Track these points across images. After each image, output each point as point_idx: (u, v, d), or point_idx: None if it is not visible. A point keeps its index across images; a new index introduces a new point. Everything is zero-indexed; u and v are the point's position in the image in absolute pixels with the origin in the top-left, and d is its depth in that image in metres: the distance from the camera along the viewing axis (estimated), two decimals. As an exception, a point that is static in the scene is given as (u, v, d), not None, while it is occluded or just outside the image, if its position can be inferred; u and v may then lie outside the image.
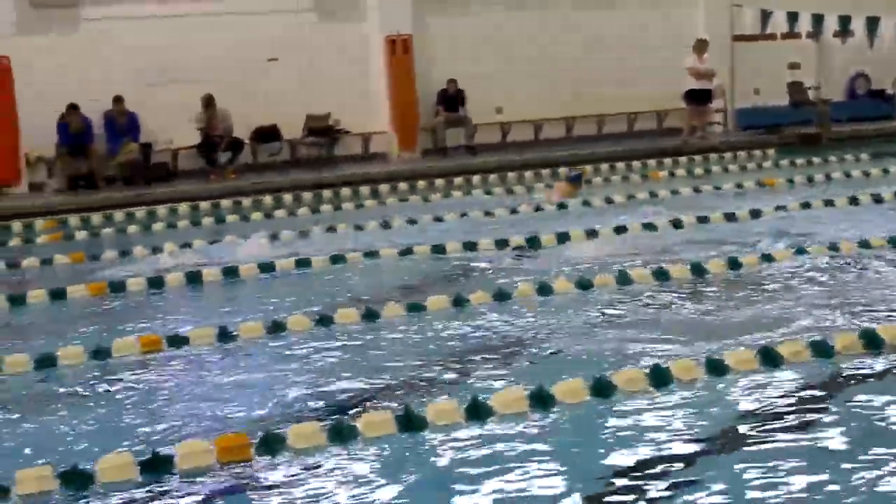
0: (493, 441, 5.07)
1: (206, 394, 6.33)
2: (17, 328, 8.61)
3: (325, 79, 20.93)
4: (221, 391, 6.36)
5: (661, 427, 5.19)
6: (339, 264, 10.05)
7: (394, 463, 4.93)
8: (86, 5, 19.95)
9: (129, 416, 5.93)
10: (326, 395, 6.07)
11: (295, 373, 6.61)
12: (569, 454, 4.92)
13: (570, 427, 5.32)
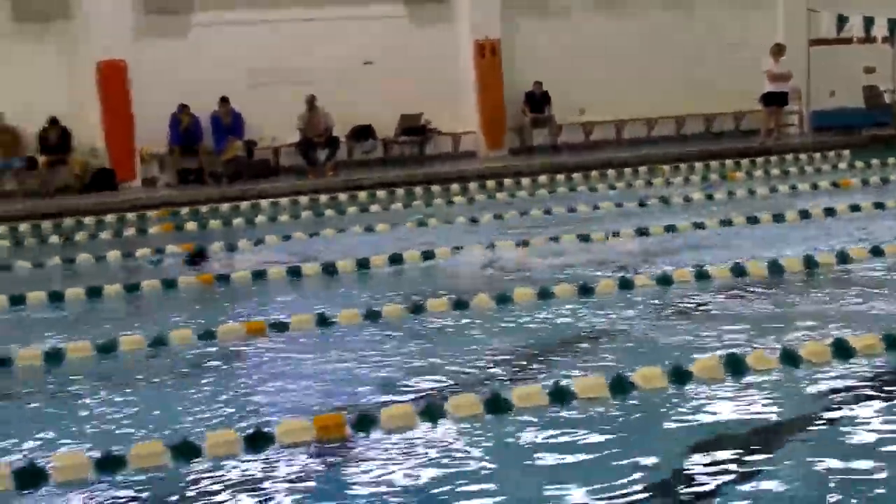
0: (574, 425, 5.08)
1: (306, 375, 6.41)
2: (132, 312, 8.78)
3: (418, 81, 20.95)
4: (320, 373, 6.44)
5: (735, 415, 5.15)
6: (430, 260, 10.10)
7: (480, 443, 4.96)
8: (196, 12, 20.24)
9: (234, 395, 6.03)
10: (417, 379, 6.12)
11: (388, 357, 6.67)
12: (644, 439, 4.90)
13: (647, 413, 5.30)
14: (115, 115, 19.32)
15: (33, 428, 5.60)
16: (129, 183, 19.37)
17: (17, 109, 19.23)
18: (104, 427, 5.55)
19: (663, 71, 21.88)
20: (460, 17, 21.58)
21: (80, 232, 14.24)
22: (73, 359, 7.00)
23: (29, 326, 8.37)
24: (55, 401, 6.23)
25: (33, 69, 19.37)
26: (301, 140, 19.78)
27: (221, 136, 19.67)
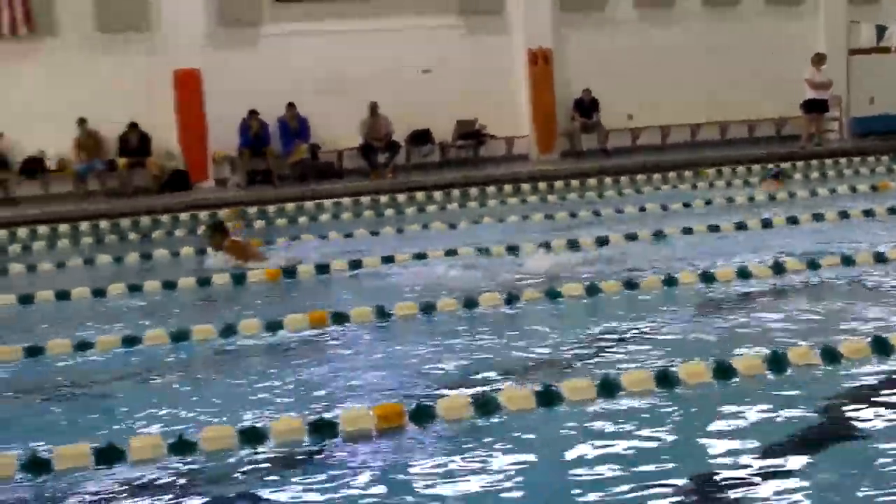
0: (621, 417, 5.02)
1: (366, 365, 6.41)
2: (204, 304, 8.84)
3: (473, 88, 20.95)
4: (379, 363, 6.44)
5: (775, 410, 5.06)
6: (484, 256, 10.07)
7: (531, 433, 4.92)
8: (265, 23, 20.38)
9: (299, 384, 6.03)
10: (472, 371, 6.08)
11: (444, 349, 6.65)
12: (687, 431, 4.82)
13: (690, 406, 5.23)
14: (189, 120, 19.50)
15: (113, 410, 5.65)
16: (202, 183, 19.54)
17: (100, 115, 19.47)
18: (178, 411, 5.57)
19: (707, 79, 21.70)
20: (514, 27, 21.56)
21: (157, 229, 14.39)
22: (149, 346, 7.07)
23: (110, 316, 8.45)
24: (132, 386, 6.28)
25: (115, 77, 19.60)
26: (363, 144, 19.85)
27: (288, 140, 19.78)
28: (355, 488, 4.33)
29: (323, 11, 20.64)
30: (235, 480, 4.53)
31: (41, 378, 6.57)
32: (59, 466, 4.63)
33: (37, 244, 13.74)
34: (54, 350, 7.00)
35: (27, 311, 8.93)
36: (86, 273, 10.81)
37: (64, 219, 16.01)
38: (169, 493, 4.35)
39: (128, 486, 4.45)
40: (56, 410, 5.89)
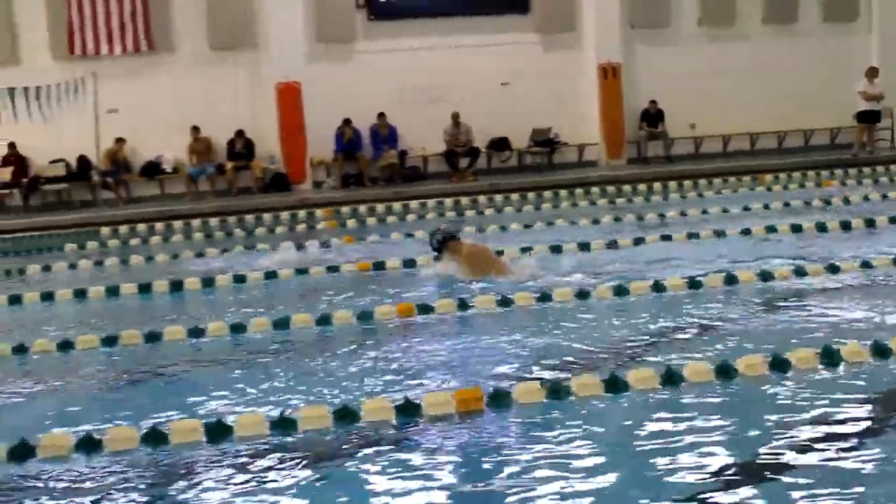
0: (683, 407, 4.96)
1: (448, 353, 6.42)
2: (303, 294, 8.91)
3: (548, 99, 20.97)
4: (460, 352, 6.45)
5: (829, 404, 4.96)
6: (557, 253, 10.02)
7: (598, 421, 4.88)
8: (359, 41, 20.58)
9: (387, 369, 6.06)
10: (545, 360, 6.06)
11: (521, 339, 6.63)
12: (743, 422, 4.73)
13: (747, 398, 5.15)
14: (290, 127, 19.74)
15: (221, 390, 5.74)
16: (300, 185, 19.78)
17: (211, 123, 19.80)
18: (279, 392, 5.64)
19: (766, 90, 21.43)
20: (586, 43, 21.51)
21: (260, 226, 14.57)
22: (253, 332, 7.16)
23: (218, 305, 8.58)
24: (238, 368, 6.36)
25: (224, 89, 19.93)
26: (446, 150, 19.92)
27: (379, 146, 19.94)
28: (437, 466, 4.34)
29: (412, 29, 20.76)
30: (329, 456, 4.57)
31: (158, 360, 6.68)
32: (175, 440, 4.71)
33: (154, 238, 14.03)
34: (170, 336, 7.12)
35: (145, 300, 9.11)
36: (197, 265, 10.99)
37: (177, 216, 16.34)
38: (270, 467, 4.40)
39: (233, 459, 4.52)
40: (170, 390, 5.99)
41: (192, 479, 4.31)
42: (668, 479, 4.04)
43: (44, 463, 4.57)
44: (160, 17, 20.11)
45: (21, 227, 16.77)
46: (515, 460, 4.34)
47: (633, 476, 4.13)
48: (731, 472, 4.11)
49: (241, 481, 4.24)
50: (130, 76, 19.84)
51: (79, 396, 5.92)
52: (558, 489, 3.96)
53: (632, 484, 4.04)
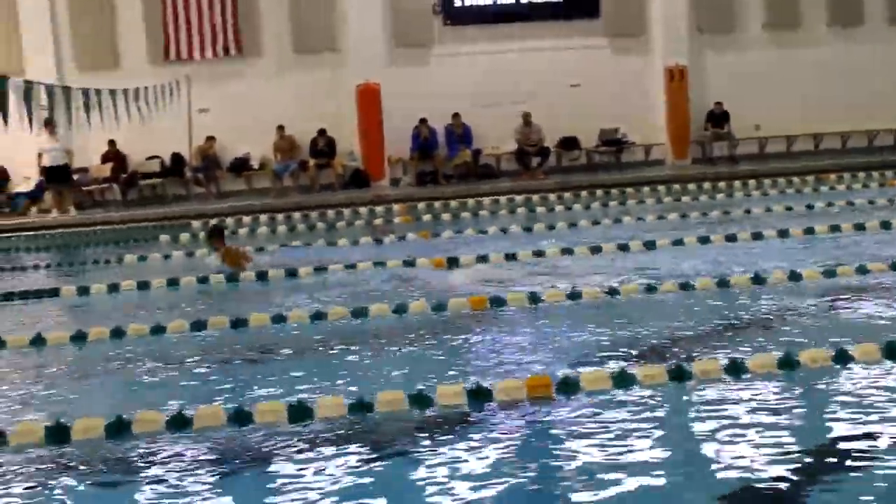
0: (746, 398, 4.87)
1: (519, 343, 6.39)
2: (380, 285, 8.93)
3: (616, 100, 20.79)
4: (531, 341, 6.41)
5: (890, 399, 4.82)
6: (624, 251, 9.92)
7: (662, 408, 4.82)
8: (435, 45, 20.63)
9: (461, 357, 6.06)
10: (612, 350, 6.00)
11: (588, 331, 6.57)
12: (805, 414, 4.64)
13: (810, 389, 5.03)
14: (369, 127, 19.84)
15: (302, 374, 5.78)
16: (378, 182, 19.86)
17: (295, 123, 20.00)
18: (357, 377, 5.67)
19: (830, 91, 20.96)
20: (654, 47, 21.30)
21: (340, 221, 14.67)
22: (332, 321, 7.20)
23: (302, 293, 8.64)
24: (318, 355, 6.41)
25: (308, 91, 20.12)
26: (518, 149, 19.85)
27: (454, 144, 19.95)
28: (506, 450, 4.32)
29: (485, 33, 20.74)
30: (404, 438, 4.57)
31: (244, 345, 6.76)
32: (259, 420, 4.77)
33: (241, 231, 14.21)
34: (255, 322, 7.20)
35: (232, 288, 9.23)
36: (281, 257, 11.10)
37: (263, 210, 16.52)
38: (348, 447, 4.42)
39: (314, 439, 4.55)
40: (254, 373, 6.05)
41: (274, 458, 4.35)
42: (730, 468, 3.97)
43: (138, 438, 4.65)
44: (249, 23, 20.37)
45: (119, 219, 17.13)
46: (582, 445, 4.30)
47: (694, 465, 4.06)
48: (793, 463, 4.01)
49: (319, 460, 4.27)
50: (221, 79, 20.12)
51: (170, 377, 6.01)
52: (623, 475, 3.91)
53: (694, 472, 3.97)
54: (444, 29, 20.78)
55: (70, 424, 4.74)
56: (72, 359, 6.73)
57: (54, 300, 9.12)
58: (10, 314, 8.62)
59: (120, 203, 19.82)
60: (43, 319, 8.18)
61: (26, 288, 9.71)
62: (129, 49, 20.35)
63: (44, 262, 12.52)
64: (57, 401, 5.62)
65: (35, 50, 20.06)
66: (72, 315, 8.37)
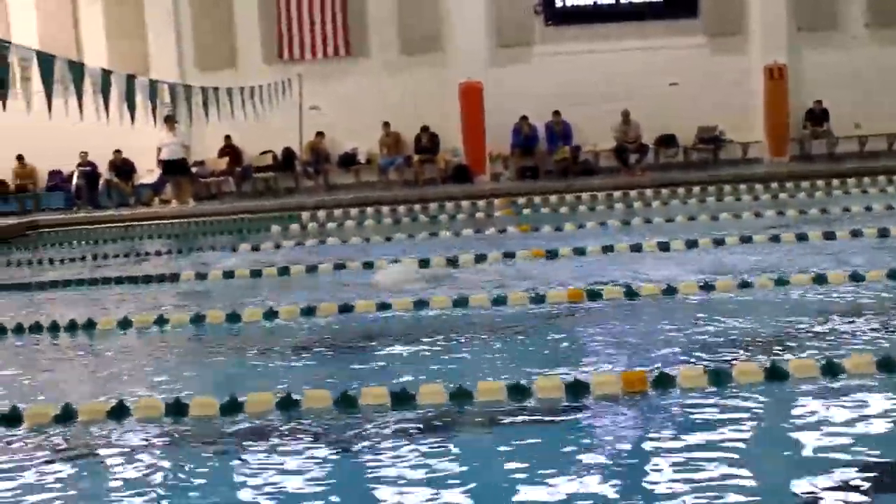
0: (844, 398, 4.69)
1: (615, 337, 6.29)
2: (481, 277, 8.90)
3: (714, 99, 20.41)
4: (626, 336, 6.31)
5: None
6: (720, 247, 9.69)
7: (757, 407, 4.68)
8: (536, 44, 20.53)
9: (557, 349, 6.00)
10: (707, 346, 5.86)
11: (683, 326, 6.44)
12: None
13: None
14: (471, 123, 19.88)
15: (406, 361, 5.81)
16: (480, 177, 19.88)
17: (400, 119, 20.15)
18: (458, 365, 5.66)
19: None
20: (753, 46, 20.81)
21: (443, 214, 14.72)
22: (435, 309, 7.20)
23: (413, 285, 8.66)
24: (421, 342, 6.41)
25: (412, 89, 20.26)
26: (617, 146, 19.63)
27: (553, 141, 19.86)
28: (601, 443, 4.26)
29: (586, 33, 20.58)
30: (501, 427, 4.55)
31: (350, 331, 6.81)
32: (363, 402, 4.80)
33: (349, 223, 14.39)
34: (361, 309, 7.24)
35: (311, 278, 9.28)
36: (387, 248, 11.16)
37: (369, 203, 16.70)
38: (448, 433, 4.43)
39: (416, 424, 4.57)
40: (360, 358, 6.10)
41: (377, 442, 4.38)
42: (825, 468, 3.83)
43: (250, 419, 4.74)
44: (357, 25, 20.61)
45: (234, 210, 17.54)
46: (676, 441, 4.21)
47: (789, 464, 3.93)
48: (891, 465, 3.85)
49: (421, 445, 4.28)
50: (331, 78, 20.41)
51: (279, 360, 6.11)
52: (716, 472, 3.81)
53: (787, 472, 3.84)
54: (545, 29, 20.68)
55: (187, 401, 4.85)
56: (191, 339, 6.90)
57: (175, 284, 9.37)
58: (135, 296, 8.90)
59: (235, 195, 20.30)
60: (165, 302, 8.42)
61: (149, 273, 10.02)
62: (245, 50, 20.82)
63: (165, 248, 12.89)
64: (176, 378, 5.78)
65: (159, 51, 20.69)
66: (191, 299, 8.59)
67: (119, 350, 6.70)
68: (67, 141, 18.87)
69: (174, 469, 4.18)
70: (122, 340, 6.94)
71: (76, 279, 9.88)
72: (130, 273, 10.18)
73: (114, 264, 11.38)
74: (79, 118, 12.37)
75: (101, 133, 14.05)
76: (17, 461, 4.39)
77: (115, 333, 7.12)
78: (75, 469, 4.26)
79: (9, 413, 4.88)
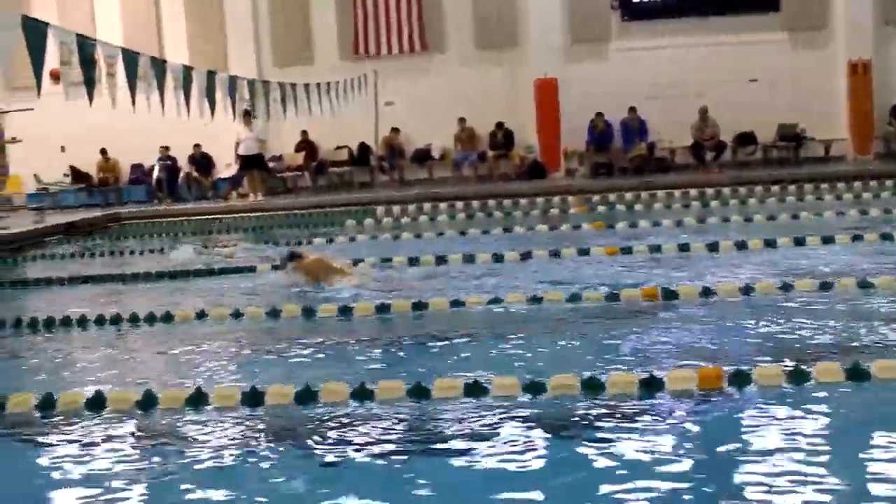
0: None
1: (691, 335, 6.23)
2: (555, 273, 8.84)
3: (796, 95, 19.98)
4: (702, 333, 6.25)
5: None
6: (800, 246, 9.50)
7: (837, 408, 4.59)
8: (612, 40, 20.35)
9: (632, 346, 5.95)
10: (785, 344, 5.77)
11: (759, 324, 6.34)
12: None
13: None
14: (546, 120, 19.82)
15: (479, 355, 5.84)
16: (554, 173, 19.81)
17: (475, 115, 20.18)
18: (532, 359, 5.66)
19: None
20: (836, 41, 20.32)
21: (517, 209, 14.71)
22: (509, 304, 7.19)
23: (478, 278, 8.68)
24: (494, 337, 6.42)
25: (488, 84, 20.27)
26: (693, 143, 19.36)
27: (629, 138, 19.68)
28: (675, 439, 4.22)
29: (663, 28, 20.35)
30: (576, 422, 4.54)
31: (424, 327, 6.86)
32: (436, 395, 4.84)
33: (422, 217, 14.46)
34: (434, 306, 7.28)
35: (412, 271, 9.37)
36: (458, 243, 11.21)
37: (443, 198, 16.76)
38: (521, 427, 4.44)
39: (490, 415, 4.58)
40: (434, 353, 6.15)
41: (451, 431, 4.41)
42: None
43: (324, 407, 4.81)
44: (433, 21, 20.68)
45: (310, 204, 17.76)
46: (750, 439, 4.16)
47: (867, 467, 3.85)
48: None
49: (491, 437, 4.30)
50: (406, 73, 20.53)
51: (354, 352, 6.19)
52: (791, 473, 3.75)
53: (866, 475, 3.77)
54: (622, 24, 20.50)
55: (264, 390, 4.95)
56: (267, 331, 7.02)
57: (251, 276, 9.53)
58: (212, 288, 9.08)
59: (310, 189, 20.55)
60: (240, 295, 8.57)
61: (225, 265, 10.21)
62: (321, 46, 21.07)
63: (241, 242, 13.11)
64: (252, 368, 5.89)
65: (238, 48, 21.06)
66: (268, 292, 8.72)
67: (196, 340, 6.85)
68: (149, 135, 19.36)
69: (245, 456, 4.27)
70: (199, 331, 7.10)
71: (156, 271, 10.11)
72: (209, 264, 10.40)
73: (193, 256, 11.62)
74: (161, 113, 12.66)
75: (181, 128, 14.37)
76: (100, 444, 4.54)
77: (192, 324, 7.28)
78: (153, 454, 4.38)
79: (93, 398, 5.04)
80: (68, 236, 15.54)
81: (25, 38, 8.82)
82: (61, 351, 6.93)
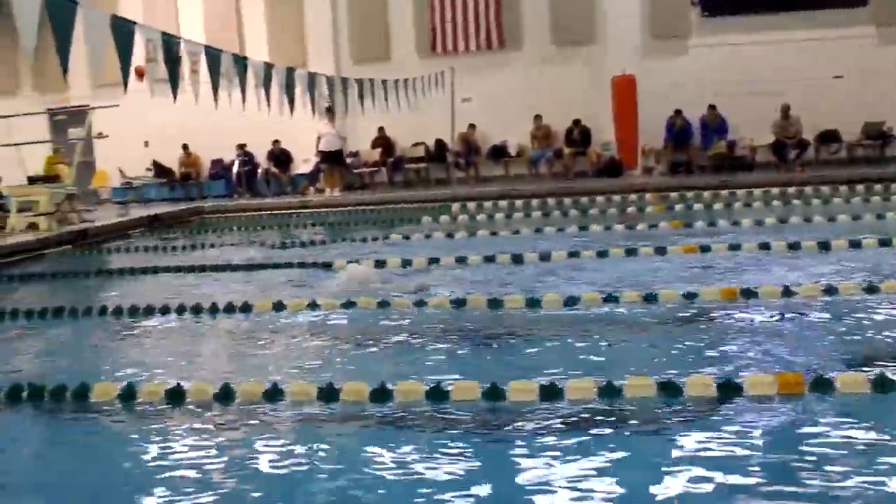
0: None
1: (770, 337, 6.08)
2: (627, 273, 8.75)
3: (883, 92, 19.38)
4: (782, 336, 6.10)
5: None
6: (885, 247, 9.19)
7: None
8: (691, 36, 20.05)
9: (710, 348, 5.83)
10: (869, 351, 5.58)
11: (844, 329, 6.16)
12: None
13: None
14: (624, 117, 19.60)
15: (553, 356, 5.78)
16: (631, 171, 19.59)
17: (551, 112, 20.07)
18: (605, 361, 5.59)
19: None
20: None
21: (593, 207, 14.57)
22: (585, 304, 7.11)
23: (555, 276, 8.62)
24: (569, 337, 6.36)
25: (564, 81, 20.13)
26: (775, 141, 18.97)
27: (708, 135, 19.37)
28: (751, 444, 4.13)
29: (743, 24, 19.96)
30: (652, 422, 4.48)
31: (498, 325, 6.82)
32: (512, 398, 4.80)
33: (498, 215, 14.42)
34: (509, 304, 7.25)
35: (490, 270, 9.34)
36: (535, 241, 11.15)
37: (520, 195, 16.70)
38: (596, 429, 4.39)
39: (565, 418, 4.54)
40: (507, 352, 6.11)
41: (524, 432, 4.38)
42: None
43: (401, 407, 4.82)
44: (510, 17, 20.62)
45: (386, 200, 17.86)
46: (829, 446, 4.04)
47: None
48: None
49: (565, 440, 4.26)
50: (483, 70, 20.50)
51: (426, 351, 6.18)
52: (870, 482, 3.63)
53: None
54: (701, 20, 20.16)
55: (339, 387, 4.98)
56: (343, 325, 7.07)
57: (327, 272, 9.61)
58: (287, 282, 9.18)
59: (387, 185, 20.67)
60: (318, 288, 8.65)
61: (303, 259, 10.32)
62: (399, 43, 21.16)
63: (319, 236, 13.25)
64: (327, 363, 5.94)
65: (317, 45, 21.29)
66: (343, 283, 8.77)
67: (274, 332, 6.92)
68: (228, 132, 19.69)
69: (315, 451, 4.30)
70: (277, 323, 7.18)
71: (235, 264, 10.27)
72: (286, 258, 10.53)
73: (271, 250, 11.78)
74: (241, 109, 12.84)
75: (258, 124, 14.55)
76: (180, 434, 4.62)
77: (270, 316, 7.37)
78: (229, 446, 4.44)
79: (174, 389, 5.13)
80: (152, 229, 15.90)
81: (114, 36, 9.02)
82: (147, 340, 7.08)
